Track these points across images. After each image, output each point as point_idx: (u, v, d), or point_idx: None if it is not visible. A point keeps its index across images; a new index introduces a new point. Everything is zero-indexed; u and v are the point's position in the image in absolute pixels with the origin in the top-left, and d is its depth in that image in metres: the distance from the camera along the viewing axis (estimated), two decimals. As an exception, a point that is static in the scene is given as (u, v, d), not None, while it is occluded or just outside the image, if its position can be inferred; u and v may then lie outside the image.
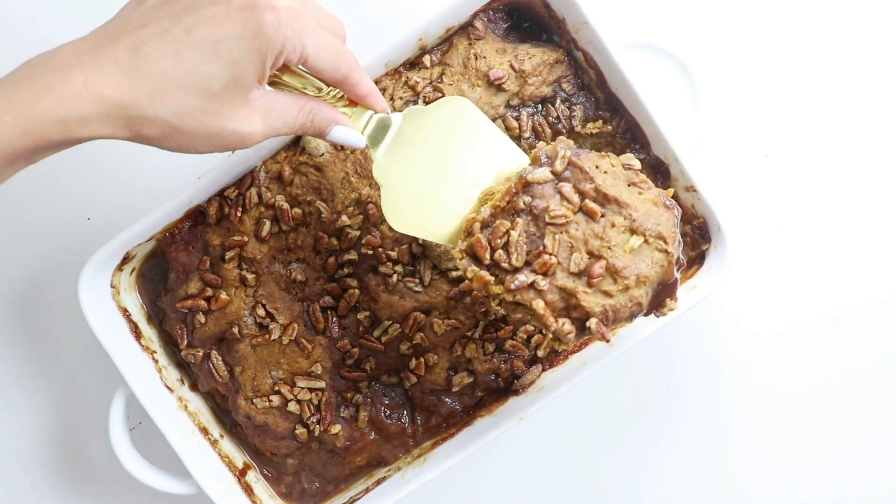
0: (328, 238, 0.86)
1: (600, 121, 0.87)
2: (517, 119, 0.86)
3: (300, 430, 0.89)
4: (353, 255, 0.86)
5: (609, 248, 0.71)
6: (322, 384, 0.88)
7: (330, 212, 0.86)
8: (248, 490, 0.90)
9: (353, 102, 0.74)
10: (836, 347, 0.98)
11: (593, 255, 0.71)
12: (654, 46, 0.87)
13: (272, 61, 0.65)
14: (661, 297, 0.74)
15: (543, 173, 0.72)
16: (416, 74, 0.87)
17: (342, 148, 0.86)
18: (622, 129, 0.88)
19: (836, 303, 0.98)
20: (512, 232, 0.71)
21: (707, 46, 0.98)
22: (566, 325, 0.71)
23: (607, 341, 0.71)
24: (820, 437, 0.99)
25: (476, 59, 0.86)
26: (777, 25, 0.99)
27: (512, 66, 0.86)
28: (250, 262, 0.87)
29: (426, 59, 0.87)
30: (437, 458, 0.88)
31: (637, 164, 0.75)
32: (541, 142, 0.76)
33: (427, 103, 0.86)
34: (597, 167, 0.73)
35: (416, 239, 0.85)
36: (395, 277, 0.85)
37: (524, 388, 0.88)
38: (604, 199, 0.72)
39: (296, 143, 0.88)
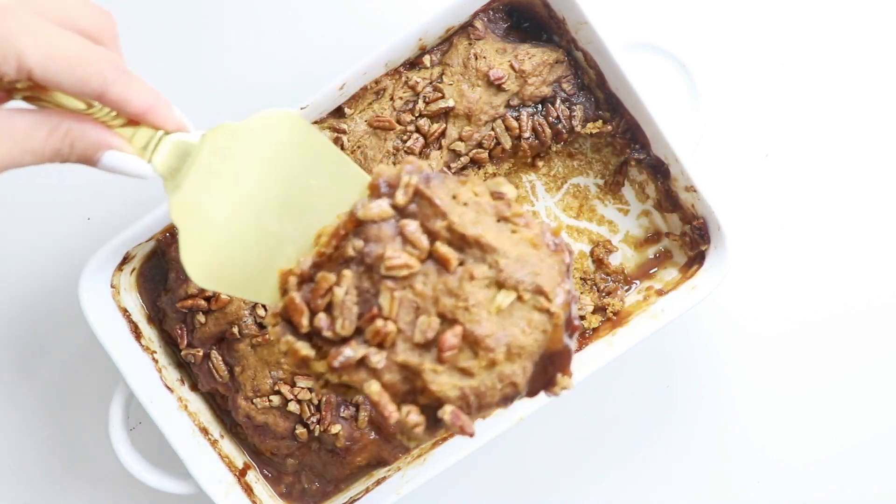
0: (328, 238, 0.86)
1: (600, 121, 0.87)
2: (517, 119, 0.86)
3: (300, 430, 0.89)
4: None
5: (467, 308, 0.52)
6: (322, 384, 0.88)
7: (330, 212, 0.85)
8: (249, 490, 0.90)
9: (134, 121, 0.56)
10: (836, 348, 0.98)
11: (446, 319, 0.53)
12: (654, 46, 0.87)
13: None
14: (548, 371, 0.56)
15: (380, 208, 0.54)
16: (417, 74, 0.87)
17: (342, 147, 0.85)
18: (622, 129, 0.88)
19: (835, 303, 0.99)
20: (336, 289, 0.53)
21: (707, 46, 0.98)
22: (412, 416, 0.53)
23: (470, 436, 0.54)
24: (819, 439, 0.99)
25: (476, 58, 0.86)
26: (777, 25, 0.99)
27: (512, 66, 0.86)
28: (250, 262, 0.87)
29: (426, 59, 0.87)
30: (436, 458, 0.88)
31: (511, 193, 0.57)
32: (381, 164, 0.59)
33: (427, 104, 0.86)
34: (454, 197, 0.55)
35: None
36: (395, 277, 0.85)
37: (524, 388, 0.88)
38: (461, 240, 0.53)
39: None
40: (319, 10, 0.96)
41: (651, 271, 0.92)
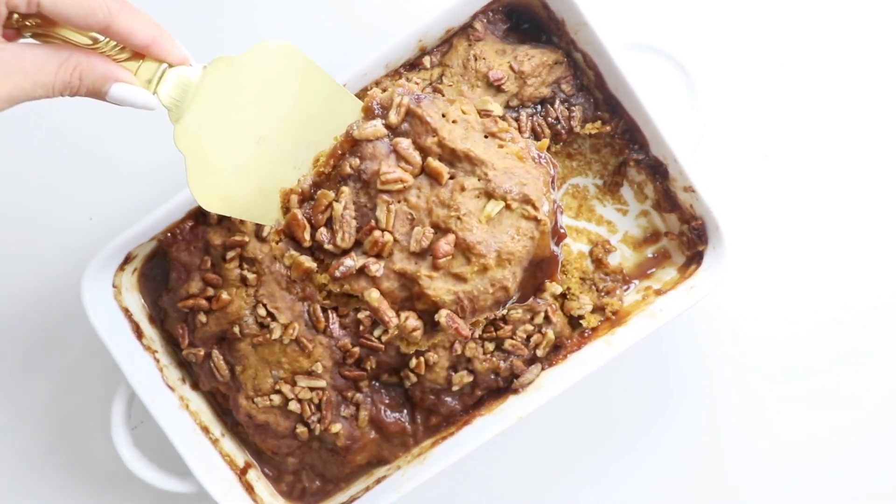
0: (329, 238, 0.86)
1: (599, 121, 0.88)
2: (516, 120, 0.86)
3: (301, 429, 0.89)
4: (353, 255, 0.86)
5: (459, 217, 0.55)
6: (323, 383, 0.88)
7: (330, 212, 0.86)
8: (249, 489, 0.91)
9: (138, 54, 0.59)
10: (833, 349, 0.99)
11: (439, 229, 0.56)
12: (653, 47, 0.87)
13: None
14: (537, 278, 0.59)
15: (374, 127, 0.57)
16: (416, 75, 0.87)
17: None
18: (621, 130, 0.88)
19: (833, 304, 0.99)
20: (335, 204, 0.56)
21: (706, 47, 0.98)
22: (410, 321, 0.56)
23: (465, 338, 0.57)
24: (816, 439, 0.99)
25: (476, 60, 0.86)
26: (776, 27, 0.99)
27: (511, 67, 0.86)
28: (251, 262, 0.87)
29: (426, 61, 0.87)
30: (437, 457, 0.88)
31: (497, 110, 0.61)
32: (375, 88, 0.62)
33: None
34: (443, 116, 0.58)
35: None
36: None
37: (523, 388, 0.89)
38: (452, 155, 0.57)
39: (296, 144, 0.88)
40: (319, 12, 0.97)
41: (649, 271, 0.92)
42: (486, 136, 0.59)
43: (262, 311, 0.88)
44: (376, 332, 0.87)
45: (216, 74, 0.60)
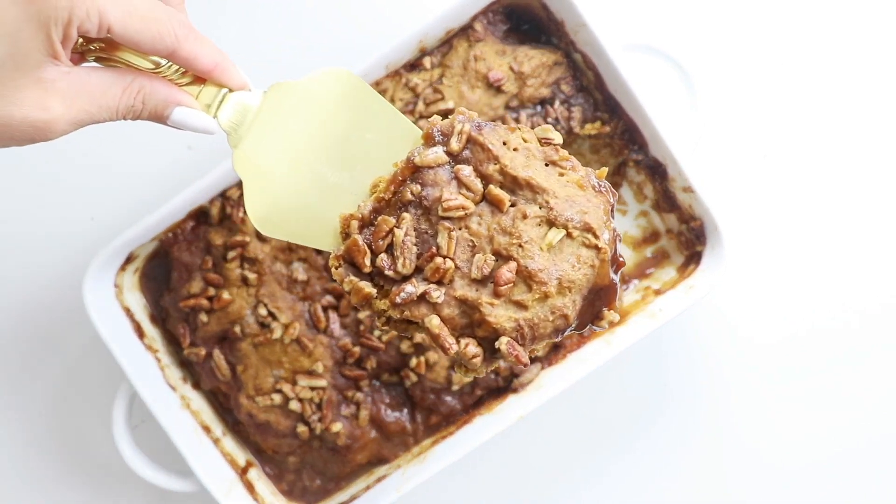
0: (329, 238, 0.86)
1: (598, 122, 0.88)
2: (516, 120, 0.86)
3: (301, 429, 0.89)
4: (353, 255, 0.86)
5: (521, 245, 0.56)
6: (323, 383, 0.88)
7: (331, 212, 0.86)
8: (250, 488, 0.91)
9: (199, 79, 0.60)
10: (834, 350, 0.99)
11: (501, 256, 0.56)
12: (653, 48, 0.87)
13: (61, 32, 0.52)
14: (595, 306, 0.59)
15: (435, 154, 0.57)
16: (417, 76, 0.87)
17: None
18: (620, 130, 0.88)
19: (833, 305, 0.99)
20: (397, 230, 0.56)
21: (705, 48, 0.98)
22: (470, 348, 0.56)
23: (524, 365, 0.57)
24: (815, 441, 0.99)
25: (475, 60, 0.86)
26: (775, 27, 0.99)
27: (511, 68, 0.86)
28: (252, 262, 0.88)
29: (426, 61, 0.87)
30: (437, 457, 0.88)
31: (557, 138, 0.60)
32: (435, 115, 0.62)
33: (427, 105, 0.86)
34: (504, 143, 0.58)
35: None
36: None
37: (523, 387, 0.89)
38: (513, 183, 0.57)
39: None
40: (320, 13, 0.97)
41: (648, 271, 0.92)
42: (546, 165, 0.59)
43: (262, 311, 0.88)
44: (376, 332, 0.87)
45: (275, 99, 0.60)
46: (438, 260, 0.56)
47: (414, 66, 0.88)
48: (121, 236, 0.85)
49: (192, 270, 0.89)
